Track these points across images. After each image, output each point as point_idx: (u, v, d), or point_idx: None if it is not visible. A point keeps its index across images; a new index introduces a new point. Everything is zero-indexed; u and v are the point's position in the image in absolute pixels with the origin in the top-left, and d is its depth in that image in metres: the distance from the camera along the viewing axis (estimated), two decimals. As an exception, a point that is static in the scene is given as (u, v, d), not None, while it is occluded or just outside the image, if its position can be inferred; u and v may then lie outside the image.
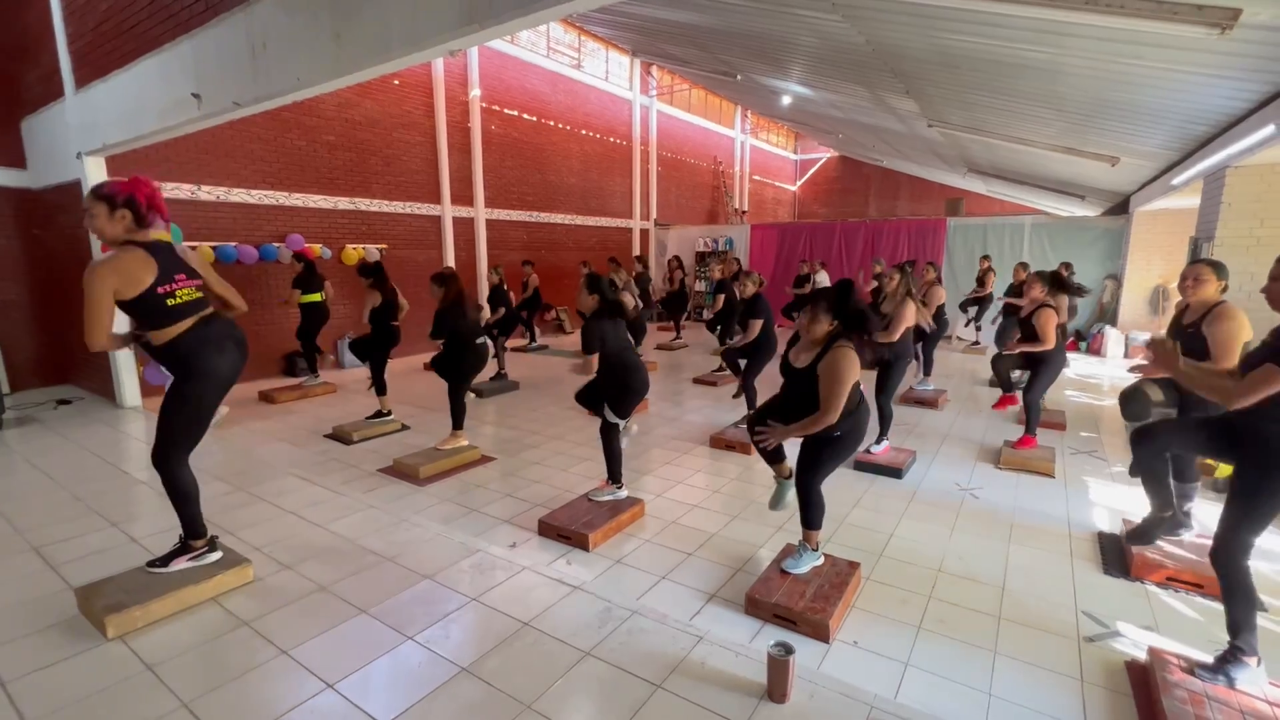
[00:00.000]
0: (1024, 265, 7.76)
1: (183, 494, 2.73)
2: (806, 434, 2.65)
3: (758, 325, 5.20)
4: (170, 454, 2.65)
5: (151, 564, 2.77)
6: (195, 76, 4.25)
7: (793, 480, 2.98)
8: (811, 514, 2.83)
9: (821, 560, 2.92)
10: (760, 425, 2.83)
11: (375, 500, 3.88)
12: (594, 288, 3.51)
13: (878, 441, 4.60)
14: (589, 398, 3.72)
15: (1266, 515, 2.05)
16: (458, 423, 4.72)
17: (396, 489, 4.14)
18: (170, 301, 2.50)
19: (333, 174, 8.29)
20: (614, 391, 3.55)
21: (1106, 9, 3.37)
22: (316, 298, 6.66)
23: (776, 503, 3.11)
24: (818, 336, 2.62)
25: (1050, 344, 4.36)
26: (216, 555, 2.87)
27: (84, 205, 2.48)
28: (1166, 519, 2.74)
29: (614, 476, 3.70)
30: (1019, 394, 4.85)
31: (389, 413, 5.54)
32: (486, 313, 7.75)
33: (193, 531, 2.81)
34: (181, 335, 2.54)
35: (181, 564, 2.77)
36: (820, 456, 2.75)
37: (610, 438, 3.65)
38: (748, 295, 5.39)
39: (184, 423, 2.65)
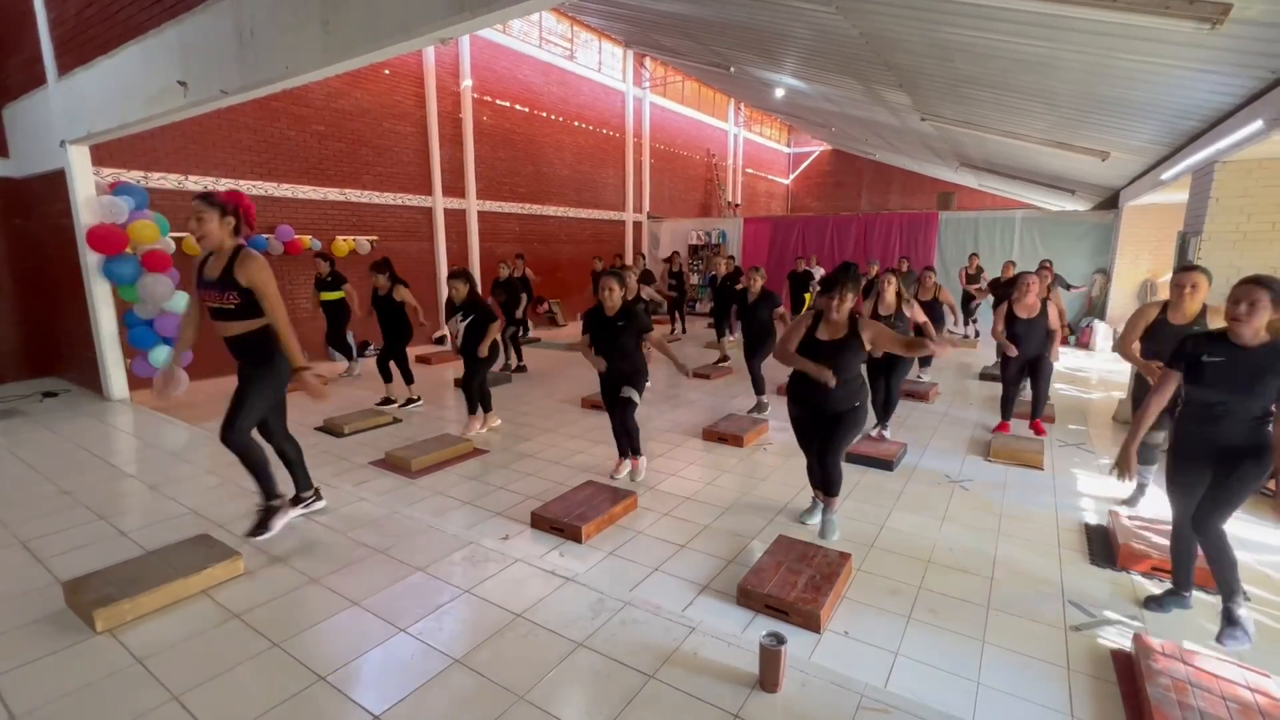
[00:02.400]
0: (1013, 264, 7.78)
1: (283, 457, 3.27)
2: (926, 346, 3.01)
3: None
4: (248, 427, 3.01)
5: (255, 531, 3.10)
6: (181, 64, 4.17)
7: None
8: (837, 484, 3.24)
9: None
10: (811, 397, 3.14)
11: (367, 493, 3.86)
12: (623, 282, 3.90)
13: (884, 427, 4.92)
14: (616, 393, 3.99)
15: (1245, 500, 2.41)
16: (488, 404, 5.10)
17: (388, 481, 4.13)
18: None
19: (322, 164, 8.21)
20: (641, 367, 3.95)
21: (1099, 3, 3.38)
22: (339, 295, 6.99)
23: (831, 531, 3.30)
24: (845, 315, 3.06)
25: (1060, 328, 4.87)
26: (323, 503, 3.46)
27: (194, 209, 2.80)
28: (1186, 596, 2.68)
29: (638, 449, 4.12)
30: (1010, 423, 5.15)
31: (419, 398, 6.01)
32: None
33: (304, 484, 3.36)
34: (268, 325, 2.97)
35: (291, 514, 3.28)
36: (837, 431, 3.14)
37: (632, 415, 3.99)
38: (756, 289, 5.63)
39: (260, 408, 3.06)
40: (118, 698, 2.07)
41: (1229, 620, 2.40)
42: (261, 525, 3.10)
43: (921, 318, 4.70)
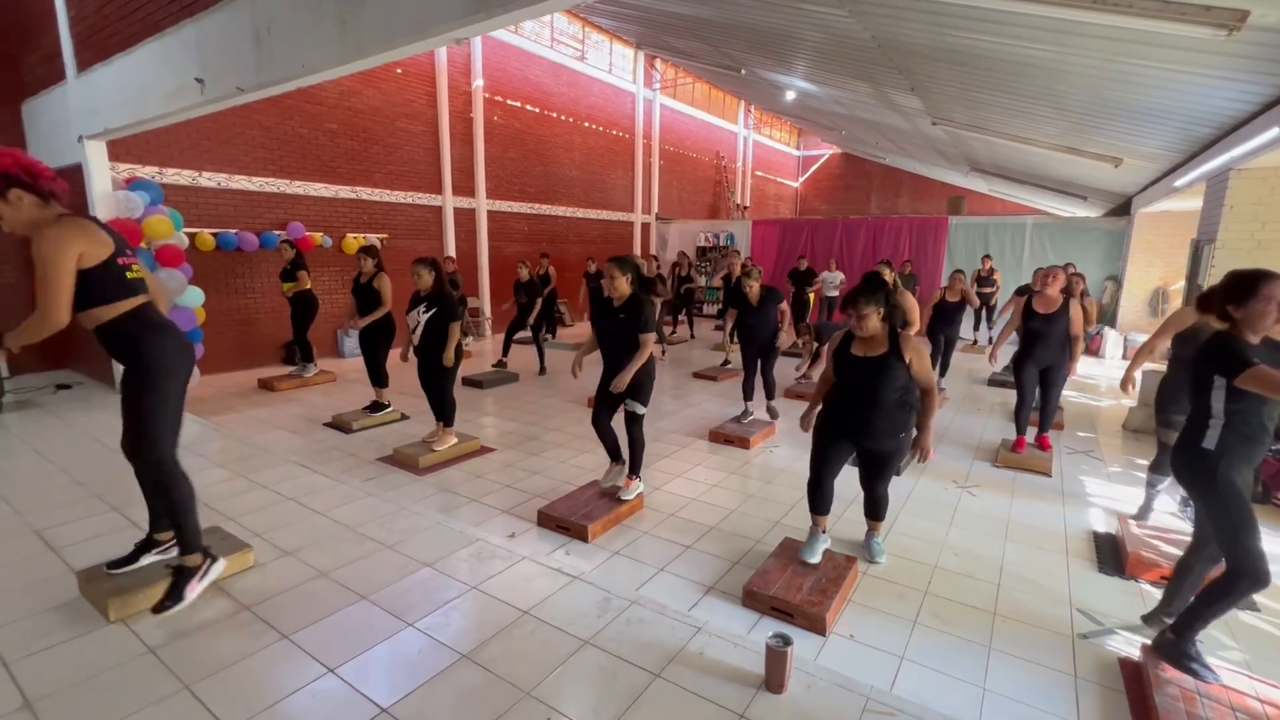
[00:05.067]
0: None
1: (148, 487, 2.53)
2: (931, 420, 2.82)
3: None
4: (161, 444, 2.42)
5: (164, 603, 2.46)
6: (199, 61, 4.22)
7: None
8: (884, 509, 3.09)
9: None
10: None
11: (375, 489, 3.89)
12: (627, 268, 3.41)
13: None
14: (610, 402, 3.60)
15: None
16: (450, 419, 4.57)
17: (396, 478, 4.16)
18: (129, 274, 2.33)
19: (334, 162, 8.26)
20: (640, 379, 3.48)
21: (1114, 8, 3.37)
22: (293, 285, 6.50)
23: (880, 553, 3.13)
24: (876, 329, 2.71)
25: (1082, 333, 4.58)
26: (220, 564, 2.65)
27: None
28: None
29: (638, 469, 3.68)
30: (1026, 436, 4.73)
31: (389, 404, 5.55)
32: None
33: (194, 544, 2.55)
34: (134, 311, 2.35)
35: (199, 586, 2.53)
36: (885, 464, 2.91)
37: (641, 428, 3.60)
38: (754, 293, 5.35)
39: (163, 413, 2.43)
40: (130, 686, 2.09)
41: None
42: (174, 593, 2.46)
43: (918, 313, 4.62)
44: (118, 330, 2.33)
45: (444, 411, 4.54)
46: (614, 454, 3.73)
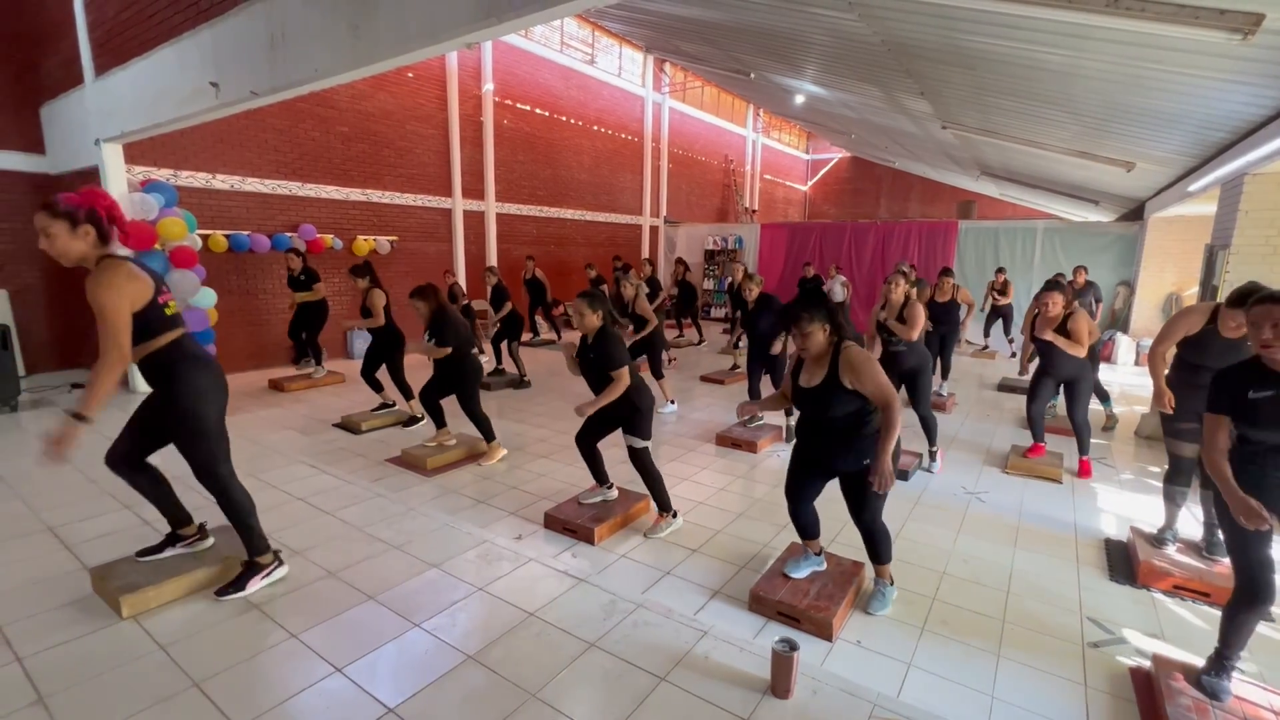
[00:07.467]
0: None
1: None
2: (890, 444, 2.43)
3: None
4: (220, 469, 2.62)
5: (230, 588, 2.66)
6: (214, 65, 4.28)
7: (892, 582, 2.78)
8: (884, 547, 2.67)
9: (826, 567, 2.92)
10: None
11: (383, 489, 3.91)
12: (596, 304, 3.25)
13: (932, 458, 4.51)
14: (596, 429, 3.46)
15: None
16: (490, 434, 4.54)
17: (404, 479, 4.18)
18: (166, 310, 2.45)
19: (345, 165, 8.34)
20: (628, 412, 3.28)
21: (1127, 12, 3.34)
22: (310, 295, 6.58)
23: (882, 605, 2.72)
24: (822, 348, 2.47)
25: (1085, 348, 4.19)
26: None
27: (38, 226, 2.25)
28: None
29: (665, 504, 3.44)
30: (1045, 444, 4.64)
31: (423, 417, 5.46)
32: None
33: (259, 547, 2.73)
34: (174, 342, 2.46)
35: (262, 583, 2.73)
36: (859, 491, 2.56)
37: (648, 462, 3.35)
38: (752, 297, 5.45)
39: (208, 436, 2.57)
40: (141, 683, 2.12)
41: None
42: (239, 582, 2.68)
43: (920, 321, 4.34)
44: (158, 360, 2.46)
45: (487, 426, 4.54)
46: (598, 475, 3.59)
